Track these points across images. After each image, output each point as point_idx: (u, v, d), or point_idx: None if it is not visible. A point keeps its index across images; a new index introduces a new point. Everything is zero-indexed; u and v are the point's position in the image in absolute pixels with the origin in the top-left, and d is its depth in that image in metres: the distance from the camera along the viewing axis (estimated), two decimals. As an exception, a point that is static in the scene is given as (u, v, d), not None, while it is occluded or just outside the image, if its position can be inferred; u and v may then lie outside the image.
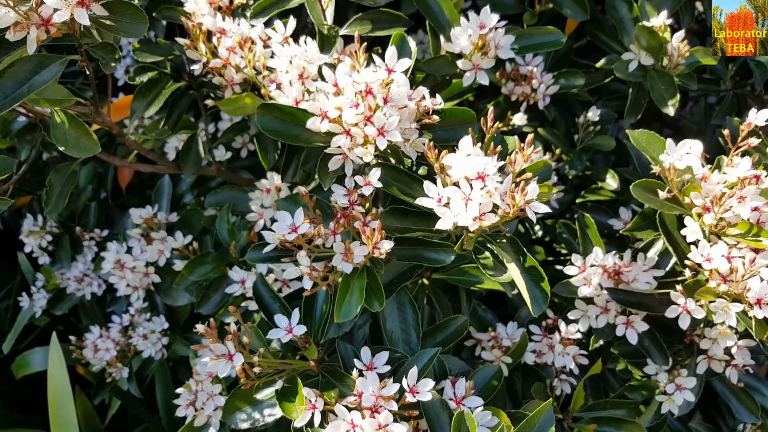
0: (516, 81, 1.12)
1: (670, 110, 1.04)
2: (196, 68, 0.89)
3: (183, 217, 1.21)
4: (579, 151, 1.18)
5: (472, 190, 0.66)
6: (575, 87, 1.12)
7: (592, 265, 0.91)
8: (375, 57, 0.72)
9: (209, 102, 0.93)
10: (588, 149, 1.20)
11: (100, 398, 1.39)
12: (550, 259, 1.21)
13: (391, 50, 0.72)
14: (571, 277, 0.92)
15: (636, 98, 1.10)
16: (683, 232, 0.83)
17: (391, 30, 0.91)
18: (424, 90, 0.73)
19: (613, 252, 0.92)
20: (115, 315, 1.42)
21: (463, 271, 0.89)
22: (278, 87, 0.84)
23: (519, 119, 1.12)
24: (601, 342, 0.96)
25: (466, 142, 0.70)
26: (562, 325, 0.96)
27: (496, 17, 0.86)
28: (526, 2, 1.17)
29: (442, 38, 0.93)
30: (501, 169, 0.69)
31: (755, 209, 0.79)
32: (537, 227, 1.22)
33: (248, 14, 0.97)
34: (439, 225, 0.65)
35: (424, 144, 0.74)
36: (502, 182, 0.66)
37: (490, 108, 0.75)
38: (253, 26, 0.88)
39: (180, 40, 0.89)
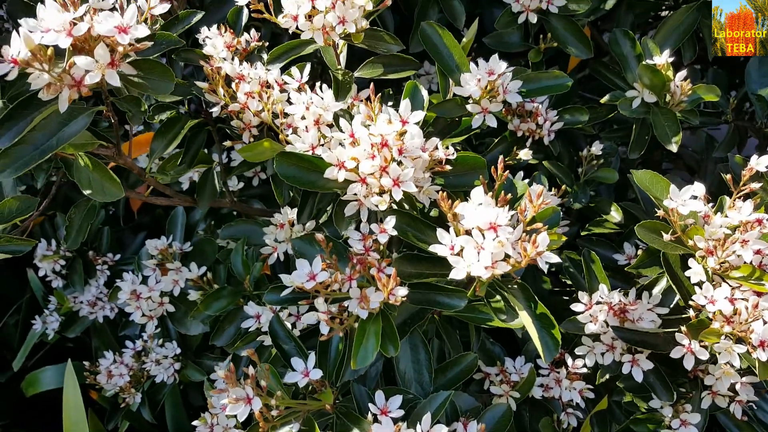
0: (521, 117, 1.15)
1: (673, 147, 1.07)
2: (215, 111, 0.92)
3: (197, 246, 1.23)
4: (583, 183, 1.21)
5: (484, 239, 0.69)
6: (579, 123, 1.15)
7: (598, 303, 0.93)
8: (390, 110, 0.75)
9: (227, 143, 0.95)
10: (591, 181, 1.22)
11: (114, 423, 1.41)
12: (557, 289, 1.23)
13: (405, 103, 0.75)
14: (577, 313, 0.94)
15: (639, 133, 1.13)
16: (687, 273, 0.85)
17: (403, 73, 0.94)
18: (436, 140, 0.76)
19: (619, 289, 0.95)
20: (128, 339, 1.45)
21: (473, 309, 0.91)
22: (294, 131, 0.87)
23: (525, 154, 1.15)
24: (607, 376, 0.99)
25: (478, 192, 0.72)
26: (569, 360, 0.98)
27: (504, 64, 0.88)
28: (531, 39, 1.21)
29: (450, 80, 0.96)
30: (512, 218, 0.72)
31: (757, 252, 0.81)
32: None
33: (264, 57, 1.01)
34: (453, 275, 0.68)
35: (437, 192, 0.77)
36: (513, 232, 0.69)
37: (501, 156, 0.78)
38: (269, 71, 0.91)
39: (200, 84, 0.92)
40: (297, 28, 0.84)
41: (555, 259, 0.69)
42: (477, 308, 0.92)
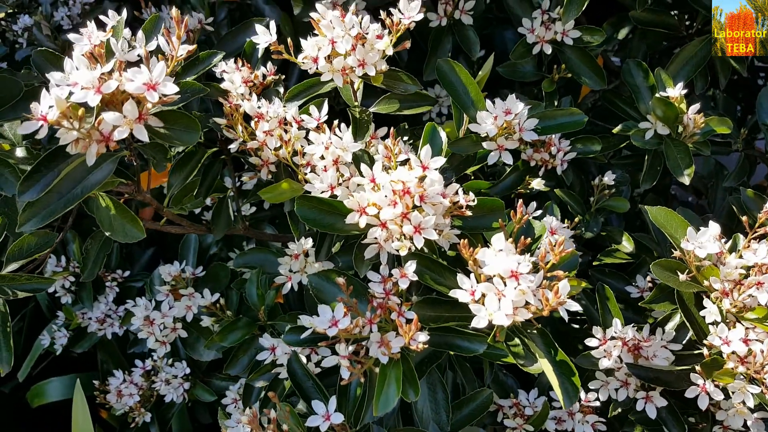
0: (535, 147, 1.16)
1: (686, 179, 1.08)
2: (233, 147, 0.93)
3: (209, 271, 1.24)
4: (594, 212, 1.22)
5: (505, 287, 0.69)
6: (592, 153, 1.16)
7: (612, 338, 0.94)
8: (412, 156, 0.76)
9: (245, 178, 0.96)
10: (602, 210, 1.23)
11: (123, 443, 1.42)
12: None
13: (426, 149, 0.76)
14: (591, 348, 0.95)
15: (652, 164, 1.14)
16: (702, 313, 0.86)
17: (418, 109, 0.95)
18: (456, 186, 0.76)
19: (632, 324, 0.95)
20: (136, 356, 1.45)
21: (489, 346, 0.92)
22: (313, 170, 0.87)
23: (537, 184, 1.16)
24: (619, 410, 0.99)
25: (499, 239, 0.73)
26: (583, 393, 0.99)
27: (521, 105, 0.89)
28: (544, 69, 1.21)
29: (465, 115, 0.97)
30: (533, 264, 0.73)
31: (772, 294, 0.82)
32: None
33: (280, 90, 1.02)
34: (475, 323, 0.68)
35: (456, 235, 0.78)
36: (534, 279, 0.70)
37: (520, 201, 0.78)
38: (287, 110, 0.91)
39: (218, 120, 0.93)
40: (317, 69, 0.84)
41: (576, 307, 0.70)
42: (492, 344, 0.93)
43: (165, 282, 1.22)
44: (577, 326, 1.21)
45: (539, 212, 1.12)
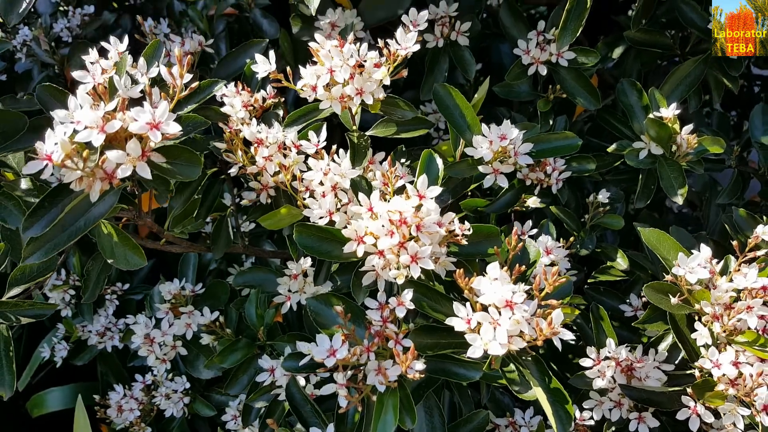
0: (530, 167, 1.17)
1: (679, 199, 1.09)
2: (233, 171, 0.94)
3: (209, 289, 1.25)
4: (589, 229, 1.23)
5: (500, 316, 0.71)
6: (587, 171, 1.17)
7: (606, 358, 0.96)
8: (408, 186, 0.77)
9: (244, 201, 0.97)
10: (597, 227, 1.24)
11: (125, 457, 1.43)
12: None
13: (422, 179, 0.77)
14: (586, 368, 0.96)
15: (646, 183, 1.15)
16: (694, 335, 0.88)
17: (416, 132, 0.97)
18: (452, 215, 0.78)
19: (626, 344, 0.97)
20: (136, 370, 1.47)
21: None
22: (311, 195, 0.89)
23: (533, 202, 1.17)
24: (613, 429, 1.01)
25: (494, 268, 0.74)
26: (577, 412, 1.01)
27: (516, 131, 0.91)
28: (539, 88, 1.23)
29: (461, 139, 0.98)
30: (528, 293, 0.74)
31: (761, 317, 0.84)
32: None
33: (279, 112, 1.03)
34: (470, 353, 0.70)
35: (452, 262, 0.80)
36: (528, 309, 0.71)
37: (515, 228, 0.80)
38: (286, 135, 0.93)
39: (218, 145, 0.94)
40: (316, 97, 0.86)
41: (569, 336, 0.71)
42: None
43: (165, 300, 1.23)
44: (573, 341, 1.22)
45: (535, 231, 1.14)
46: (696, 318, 0.90)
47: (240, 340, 1.06)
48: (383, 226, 0.75)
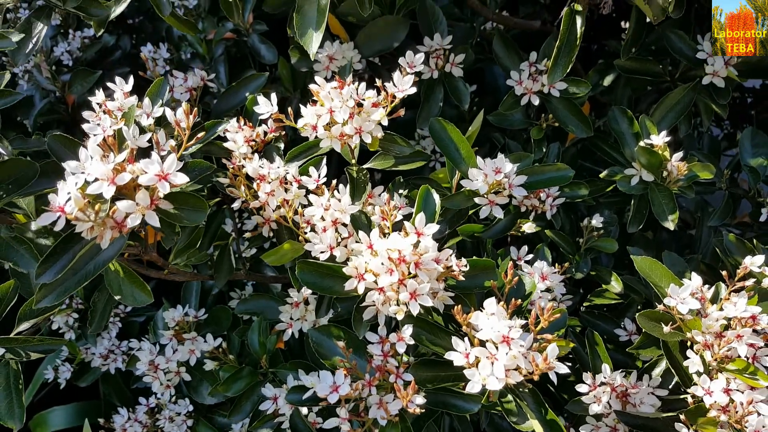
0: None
1: (670, 225, 1.12)
2: (236, 205, 0.97)
3: (211, 314, 1.27)
4: (584, 252, 1.26)
5: (498, 351, 0.73)
6: (579, 197, 1.20)
7: (601, 383, 0.98)
8: (406, 223, 0.80)
9: (246, 235, 1.00)
10: (591, 249, 1.27)
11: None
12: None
13: (420, 217, 0.80)
14: (582, 394, 0.99)
15: (638, 208, 1.18)
16: (686, 363, 0.90)
17: (414, 164, 0.99)
18: (449, 252, 0.81)
19: (621, 370, 0.99)
20: (140, 392, 1.48)
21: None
22: (312, 229, 0.91)
23: (528, 228, 1.20)
24: (609, 452, 1.03)
25: (491, 303, 0.77)
26: (574, 436, 1.03)
27: (509, 165, 0.93)
28: (532, 116, 1.26)
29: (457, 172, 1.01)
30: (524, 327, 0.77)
31: (751, 345, 0.86)
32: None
33: (280, 146, 1.06)
34: (469, 388, 0.72)
35: (450, 296, 0.82)
36: (524, 343, 0.74)
37: (510, 263, 0.83)
38: (286, 168, 0.95)
39: (222, 180, 0.97)
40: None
41: (564, 369, 0.74)
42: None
43: (168, 327, 1.25)
44: (569, 363, 1.25)
45: (531, 256, 1.17)
46: (689, 344, 0.93)
47: (243, 369, 1.09)
48: (383, 264, 0.77)
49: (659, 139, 1.14)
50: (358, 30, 1.23)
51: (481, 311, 0.77)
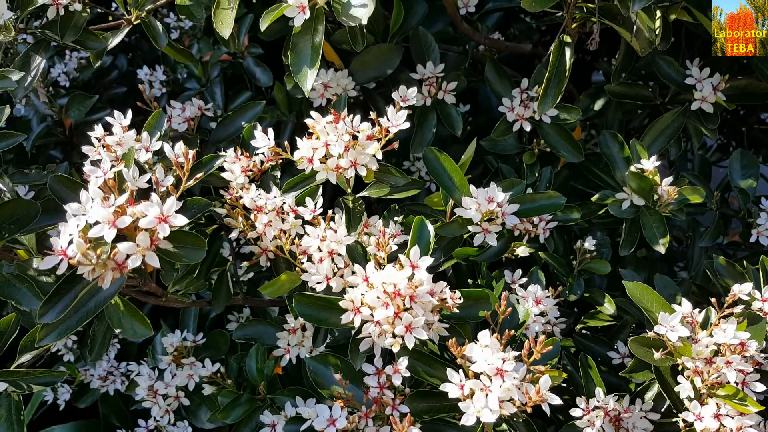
0: (518, 217, 1.22)
1: (661, 249, 1.14)
2: (233, 235, 0.98)
3: (209, 339, 1.29)
4: (577, 274, 1.28)
5: (492, 383, 0.75)
6: (572, 221, 1.22)
7: (595, 407, 1.00)
8: (402, 257, 0.81)
9: (244, 264, 1.01)
10: (585, 271, 1.29)
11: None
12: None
13: (414, 250, 0.82)
14: (576, 419, 1.00)
15: (629, 232, 1.20)
16: (677, 388, 0.92)
17: (408, 192, 1.01)
18: (443, 284, 0.82)
19: (614, 394, 1.01)
20: (138, 414, 1.49)
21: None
22: (309, 258, 0.93)
23: (522, 251, 1.22)
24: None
25: (485, 335, 0.79)
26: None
27: (502, 194, 0.95)
28: (525, 140, 1.28)
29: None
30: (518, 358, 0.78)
31: (740, 371, 0.88)
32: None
33: (277, 175, 1.07)
34: (464, 421, 0.74)
35: (445, 327, 0.84)
36: (518, 376, 0.75)
37: (504, 293, 0.84)
38: (283, 198, 0.97)
39: (219, 210, 0.98)
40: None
41: (557, 401, 0.75)
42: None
43: (167, 352, 1.26)
44: (564, 385, 1.26)
45: (524, 280, 1.18)
46: (680, 368, 0.95)
47: (242, 395, 1.10)
48: (378, 297, 0.79)
49: (650, 164, 1.16)
50: (353, 57, 1.25)
51: (476, 343, 0.79)
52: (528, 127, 1.19)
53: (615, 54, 1.44)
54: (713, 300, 0.94)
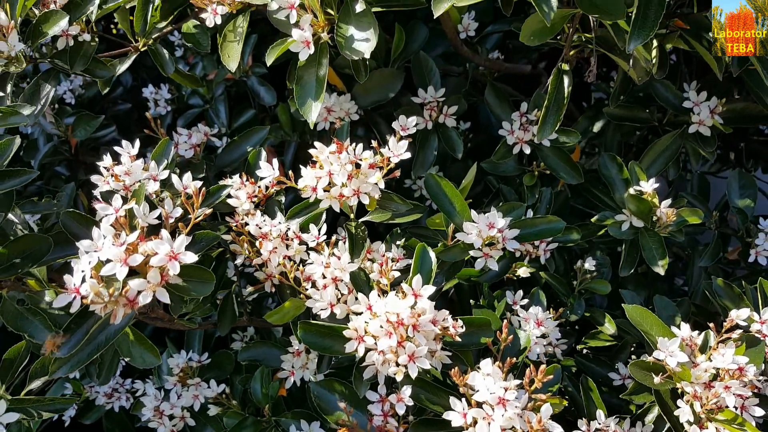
0: (519, 239, 1.23)
1: (660, 270, 1.15)
2: (239, 262, 1.00)
3: (214, 359, 1.30)
4: (578, 294, 1.29)
5: (494, 411, 0.76)
6: (572, 242, 1.23)
7: (596, 430, 1.01)
8: (404, 285, 0.83)
9: (249, 289, 1.03)
10: (585, 290, 1.30)
11: None
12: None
13: (417, 279, 0.83)
14: (577, 440, 1.02)
15: (629, 252, 1.22)
16: (676, 412, 0.93)
17: (410, 217, 1.03)
18: (446, 312, 0.84)
19: (615, 416, 1.02)
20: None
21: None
22: (314, 284, 0.95)
23: (523, 272, 1.23)
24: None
25: (487, 364, 0.80)
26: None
27: (502, 220, 0.97)
28: (525, 162, 1.30)
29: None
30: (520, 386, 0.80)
31: (739, 396, 0.90)
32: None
33: (282, 200, 1.09)
34: (467, 451, 0.75)
35: (447, 355, 0.85)
36: (520, 404, 0.77)
37: (505, 321, 0.86)
38: (287, 225, 0.99)
39: (224, 237, 1.00)
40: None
41: (558, 429, 0.77)
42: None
43: (173, 373, 1.28)
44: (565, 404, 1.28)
45: (526, 301, 1.20)
46: (680, 391, 0.96)
47: (248, 418, 1.11)
48: (381, 327, 0.80)
49: (648, 186, 1.18)
50: (355, 81, 1.27)
51: (478, 371, 0.81)
52: (527, 150, 1.21)
53: (614, 72, 1.46)
54: (711, 325, 0.95)
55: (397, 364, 0.81)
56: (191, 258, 0.68)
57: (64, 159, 1.83)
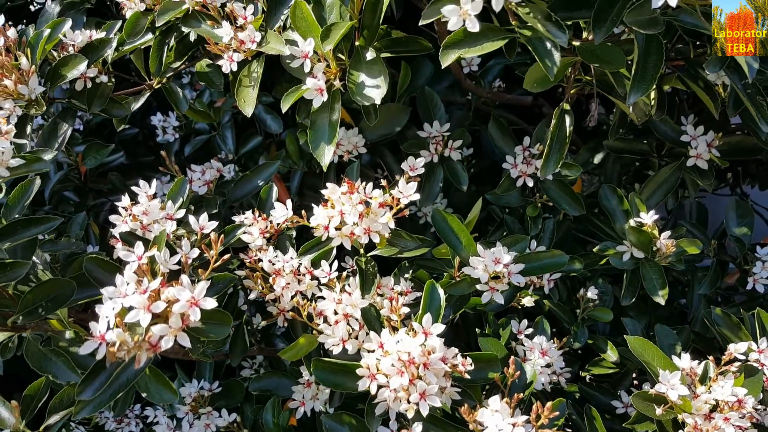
0: (523, 269, 1.26)
1: (661, 300, 1.18)
2: (252, 296, 1.03)
3: (225, 388, 1.32)
4: (581, 322, 1.32)
5: (502, 448, 0.79)
6: (574, 271, 1.26)
7: (600, 459, 1.04)
8: (415, 324, 0.86)
9: (262, 323, 1.06)
10: (588, 318, 1.33)
11: None
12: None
13: (427, 317, 0.86)
14: (582, 470, 1.04)
15: (630, 282, 1.25)
16: (678, 444, 0.96)
17: (418, 251, 1.06)
18: (455, 350, 0.87)
19: (618, 445, 1.05)
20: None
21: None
22: (325, 319, 0.98)
23: (528, 302, 1.26)
24: None
25: (495, 401, 0.83)
26: None
27: (508, 256, 1.00)
28: (528, 192, 1.33)
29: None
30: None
31: (738, 427, 0.92)
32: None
33: (293, 234, 1.12)
34: (477, 486, 0.78)
35: (456, 391, 0.88)
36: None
37: (512, 358, 0.89)
38: (300, 260, 1.02)
39: (238, 272, 1.03)
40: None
41: (563, 464, 0.80)
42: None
43: (185, 402, 1.30)
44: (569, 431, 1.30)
45: (530, 330, 1.22)
46: (680, 422, 0.99)
47: (260, 450, 1.14)
48: (393, 365, 0.83)
49: (648, 218, 1.21)
50: (362, 116, 1.31)
51: (486, 407, 0.83)
52: (530, 183, 1.24)
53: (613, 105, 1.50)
54: (711, 358, 0.98)
55: (409, 401, 0.83)
56: (211, 304, 0.71)
57: (74, 188, 1.86)
